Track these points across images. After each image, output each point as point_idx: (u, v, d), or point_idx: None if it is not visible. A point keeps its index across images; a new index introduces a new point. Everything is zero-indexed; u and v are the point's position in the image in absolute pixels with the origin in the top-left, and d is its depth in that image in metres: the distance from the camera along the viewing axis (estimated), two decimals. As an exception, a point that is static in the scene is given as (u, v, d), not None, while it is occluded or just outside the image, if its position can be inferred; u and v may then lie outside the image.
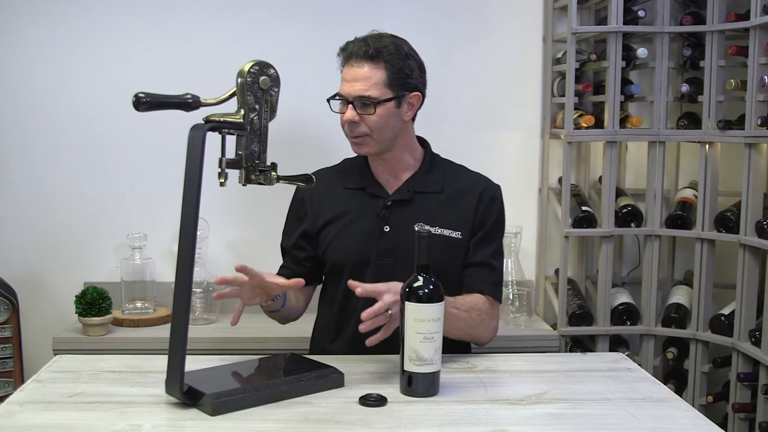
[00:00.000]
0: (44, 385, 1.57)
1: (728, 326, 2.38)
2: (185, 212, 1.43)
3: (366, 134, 1.82)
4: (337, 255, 1.89)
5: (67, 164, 2.58)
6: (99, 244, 2.60)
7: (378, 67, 1.79)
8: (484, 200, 1.91)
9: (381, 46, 1.80)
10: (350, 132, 1.84)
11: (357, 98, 1.79)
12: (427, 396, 1.51)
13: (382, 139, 1.84)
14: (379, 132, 1.82)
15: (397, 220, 1.86)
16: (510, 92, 2.67)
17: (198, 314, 2.47)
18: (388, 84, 1.80)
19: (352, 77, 1.81)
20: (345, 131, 1.85)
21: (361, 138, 1.83)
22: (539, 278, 2.72)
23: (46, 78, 2.55)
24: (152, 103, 1.45)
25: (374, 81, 1.79)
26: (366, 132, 1.82)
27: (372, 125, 1.81)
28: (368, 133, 1.82)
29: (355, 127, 1.82)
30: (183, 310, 1.43)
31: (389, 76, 1.80)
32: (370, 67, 1.79)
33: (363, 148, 1.86)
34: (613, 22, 2.40)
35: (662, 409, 1.49)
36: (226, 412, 1.41)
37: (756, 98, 2.22)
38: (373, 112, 1.80)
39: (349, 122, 1.81)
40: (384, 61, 1.80)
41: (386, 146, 1.87)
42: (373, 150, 1.86)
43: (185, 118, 1.50)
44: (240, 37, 2.56)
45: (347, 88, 1.81)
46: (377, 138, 1.83)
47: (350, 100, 1.80)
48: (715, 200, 2.43)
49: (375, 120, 1.80)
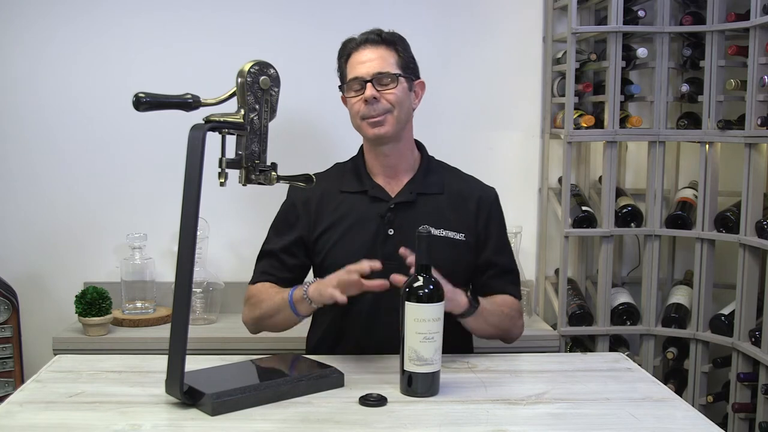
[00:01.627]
0: (44, 385, 1.57)
1: (728, 326, 2.38)
2: (185, 212, 1.43)
3: (387, 110, 1.82)
4: (342, 260, 1.84)
5: (67, 164, 2.58)
6: (99, 244, 2.60)
7: (391, 51, 1.86)
8: (484, 206, 1.92)
9: (392, 34, 1.89)
10: (370, 112, 1.82)
11: (376, 74, 1.82)
12: (427, 396, 1.51)
13: (400, 117, 1.85)
14: (399, 107, 1.83)
15: (401, 223, 1.85)
16: (510, 92, 2.68)
17: (198, 314, 2.47)
18: (401, 67, 1.86)
19: (367, 58, 1.84)
20: (362, 114, 1.83)
21: (382, 116, 1.82)
22: (539, 278, 2.72)
23: (46, 78, 2.55)
24: (152, 103, 1.45)
25: (390, 61, 1.85)
26: (387, 108, 1.82)
27: (392, 99, 1.82)
28: (389, 109, 1.82)
29: (375, 104, 1.81)
30: (183, 310, 1.43)
31: (401, 61, 1.86)
32: (385, 50, 1.85)
33: (383, 127, 1.83)
34: (613, 22, 2.40)
35: (662, 409, 1.49)
36: (226, 412, 1.41)
37: (756, 98, 2.22)
38: (395, 86, 1.82)
39: (369, 101, 1.81)
40: (396, 46, 1.87)
41: (401, 129, 1.86)
42: (391, 130, 1.84)
43: (185, 118, 1.50)
44: (240, 37, 2.57)
45: (363, 69, 1.83)
46: (397, 115, 1.84)
47: (368, 79, 1.81)
48: (715, 200, 2.43)
49: (395, 94, 1.83)
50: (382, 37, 1.86)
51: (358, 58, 1.84)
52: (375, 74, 1.82)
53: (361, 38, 1.87)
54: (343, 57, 1.89)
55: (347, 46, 1.89)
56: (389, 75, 1.83)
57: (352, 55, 1.86)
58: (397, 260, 1.82)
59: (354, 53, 1.86)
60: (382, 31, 1.88)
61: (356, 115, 1.85)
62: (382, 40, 1.86)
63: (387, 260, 1.82)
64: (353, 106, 1.85)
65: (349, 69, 1.86)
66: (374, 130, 1.83)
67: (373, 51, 1.84)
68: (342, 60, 1.90)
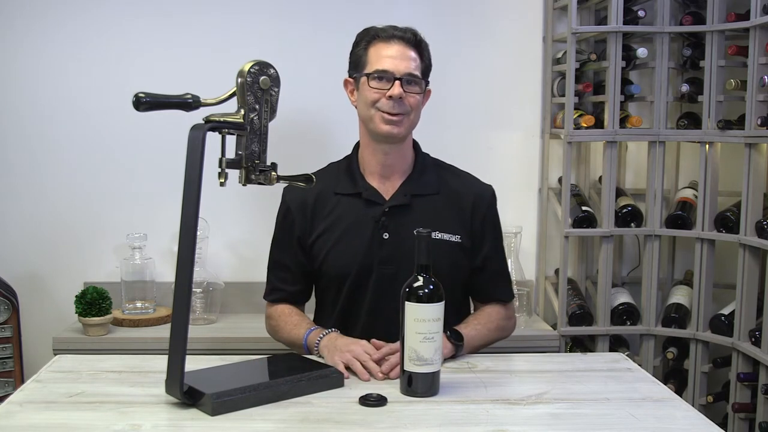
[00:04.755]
0: (44, 385, 1.57)
1: (728, 326, 2.38)
2: (185, 212, 1.43)
3: (407, 113, 1.82)
4: (338, 266, 1.86)
5: (67, 164, 2.58)
6: (99, 244, 2.60)
7: (419, 55, 1.86)
8: (481, 206, 1.91)
9: (422, 38, 1.88)
10: (393, 109, 1.80)
11: (408, 75, 1.81)
12: (427, 396, 1.51)
13: (414, 121, 1.86)
14: (416, 113, 1.85)
15: (396, 227, 1.84)
16: (510, 92, 2.68)
17: (198, 314, 2.47)
18: (423, 72, 1.86)
19: (400, 55, 1.82)
20: (383, 107, 1.81)
21: (402, 117, 1.82)
22: (539, 278, 2.72)
23: (46, 78, 2.55)
24: (152, 103, 1.45)
25: (418, 65, 1.85)
26: (407, 110, 1.82)
27: (414, 103, 1.83)
28: (408, 112, 1.83)
29: (401, 104, 1.80)
30: (183, 310, 1.43)
31: (423, 66, 1.87)
32: (416, 53, 1.85)
33: (400, 127, 1.82)
34: (613, 22, 2.40)
35: (662, 409, 1.49)
36: (226, 412, 1.41)
37: (756, 98, 2.22)
38: (418, 91, 1.83)
39: (395, 99, 1.79)
40: (423, 51, 1.87)
41: (409, 132, 1.88)
42: (404, 132, 1.85)
43: (185, 118, 1.50)
44: (240, 37, 2.56)
45: (396, 64, 1.81)
46: (413, 119, 1.85)
47: (398, 77, 1.80)
48: (715, 200, 2.43)
49: (417, 99, 1.84)
50: (417, 39, 1.85)
51: (389, 51, 1.82)
52: (407, 74, 1.81)
53: (395, 32, 1.84)
54: (364, 41, 1.86)
55: (373, 34, 1.85)
56: (419, 79, 1.83)
57: (380, 44, 1.83)
58: (394, 264, 1.82)
59: (382, 43, 1.83)
60: (417, 33, 1.86)
61: (371, 105, 1.82)
62: (416, 43, 1.85)
63: (383, 265, 1.83)
64: (371, 95, 1.81)
65: (374, 57, 1.83)
66: (389, 127, 1.82)
67: (407, 50, 1.83)
68: (363, 44, 1.86)
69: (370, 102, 1.82)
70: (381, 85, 1.81)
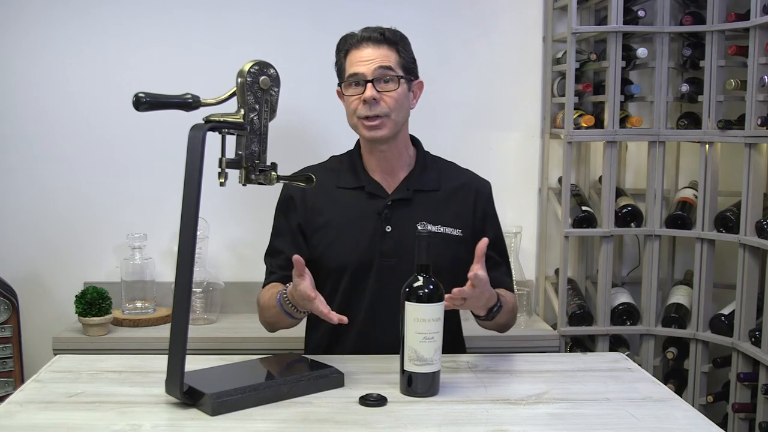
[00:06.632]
0: (44, 385, 1.57)
1: (728, 326, 2.38)
2: (185, 212, 1.43)
3: (385, 114, 1.80)
4: (339, 258, 1.86)
5: (67, 164, 2.58)
6: (99, 244, 2.60)
7: (392, 50, 1.83)
8: (481, 200, 1.92)
9: (394, 33, 1.85)
10: (368, 112, 1.79)
11: (377, 75, 1.79)
12: (427, 396, 1.51)
13: (398, 120, 1.83)
14: (398, 111, 1.81)
15: (399, 220, 1.85)
16: (510, 92, 2.68)
17: (198, 314, 2.47)
18: (402, 67, 1.83)
19: (368, 57, 1.80)
20: (360, 114, 1.80)
21: (380, 119, 1.80)
22: (539, 278, 2.72)
23: (46, 78, 2.55)
24: (152, 103, 1.45)
25: (392, 60, 1.82)
26: (385, 111, 1.80)
27: (391, 103, 1.80)
28: (387, 113, 1.80)
29: (375, 105, 1.79)
30: (183, 310, 1.43)
31: (402, 61, 1.84)
32: (387, 49, 1.82)
33: (380, 131, 1.81)
34: (613, 22, 2.40)
35: (662, 409, 1.49)
36: (226, 412, 1.41)
37: (756, 98, 2.22)
38: (395, 88, 1.80)
39: (368, 101, 1.78)
40: (398, 46, 1.84)
41: (397, 130, 1.85)
42: (388, 133, 1.82)
43: (185, 118, 1.50)
44: (240, 37, 2.57)
45: (363, 67, 1.80)
46: (395, 118, 1.82)
47: (369, 79, 1.79)
48: (715, 200, 2.43)
49: (394, 97, 1.80)
50: (384, 36, 1.83)
51: (359, 56, 1.81)
52: (376, 74, 1.79)
53: (363, 35, 1.83)
54: (342, 51, 1.86)
55: (347, 41, 1.85)
56: (391, 76, 1.80)
57: (352, 50, 1.83)
58: (395, 257, 1.82)
59: (354, 49, 1.83)
60: (385, 30, 1.84)
61: (353, 114, 1.83)
62: (385, 39, 1.83)
63: (384, 257, 1.83)
64: (351, 104, 1.83)
65: (348, 65, 1.83)
66: (371, 133, 1.82)
67: (375, 50, 1.81)
68: (341, 54, 1.87)
69: (352, 110, 1.83)
70: (356, 90, 1.81)
